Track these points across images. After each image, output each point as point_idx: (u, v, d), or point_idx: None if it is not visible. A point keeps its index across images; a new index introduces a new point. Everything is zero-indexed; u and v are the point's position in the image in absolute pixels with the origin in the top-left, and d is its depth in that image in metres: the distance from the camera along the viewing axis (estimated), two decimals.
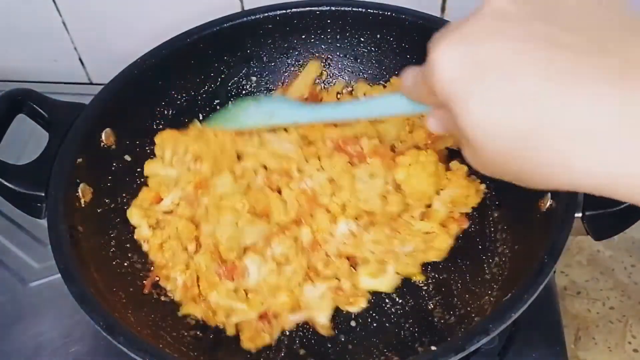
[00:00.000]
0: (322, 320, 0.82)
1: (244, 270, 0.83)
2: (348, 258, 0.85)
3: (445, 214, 0.89)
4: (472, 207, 0.90)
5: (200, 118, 1.03)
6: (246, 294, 0.84)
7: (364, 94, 1.05)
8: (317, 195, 0.87)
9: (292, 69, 1.07)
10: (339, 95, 1.06)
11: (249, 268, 0.84)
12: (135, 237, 0.88)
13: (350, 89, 1.06)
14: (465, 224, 0.90)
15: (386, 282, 0.84)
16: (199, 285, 0.84)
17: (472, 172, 0.91)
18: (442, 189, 0.89)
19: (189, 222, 0.87)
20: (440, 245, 0.86)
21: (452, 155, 0.94)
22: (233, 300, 0.82)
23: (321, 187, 0.87)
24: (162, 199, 0.91)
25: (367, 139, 0.92)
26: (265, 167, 0.91)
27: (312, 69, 1.06)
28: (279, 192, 0.89)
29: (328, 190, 0.87)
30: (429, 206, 0.89)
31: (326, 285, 0.83)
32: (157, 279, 0.86)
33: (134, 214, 0.88)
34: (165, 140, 0.92)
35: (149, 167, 0.93)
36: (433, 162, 0.88)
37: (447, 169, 0.92)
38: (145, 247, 0.88)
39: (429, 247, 0.86)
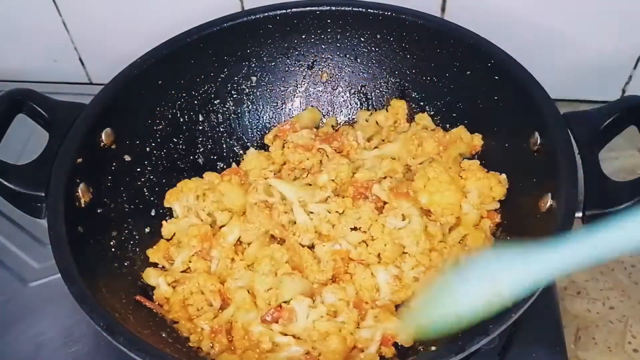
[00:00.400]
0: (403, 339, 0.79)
1: (291, 314, 0.79)
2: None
3: (476, 216, 0.88)
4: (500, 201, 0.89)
5: (200, 119, 1.03)
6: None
7: (366, 120, 1.05)
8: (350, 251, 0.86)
9: (292, 69, 1.07)
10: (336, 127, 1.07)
11: (297, 311, 0.79)
12: (155, 298, 0.85)
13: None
14: (497, 218, 0.89)
15: None
16: (229, 338, 0.81)
17: (486, 165, 0.92)
18: (467, 192, 0.88)
19: (210, 275, 0.85)
20: (475, 244, 0.85)
21: None
22: (278, 335, 0.79)
23: (355, 246, 0.85)
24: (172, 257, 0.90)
25: (378, 183, 0.90)
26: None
27: (311, 112, 1.07)
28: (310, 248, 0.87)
29: (363, 248, 0.85)
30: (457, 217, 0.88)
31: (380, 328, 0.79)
32: (171, 321, 0.83)
33: (150, 275, 0.87)
34: (172, 196, 0.93)
35: (167, 230, 0.92)
36: (443, 170, 0.88)
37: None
38: (166, 308, 0.84)
39: (467, 252, 0.85)
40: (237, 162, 1.05)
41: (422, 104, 1.04)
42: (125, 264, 0.87)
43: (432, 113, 1.03)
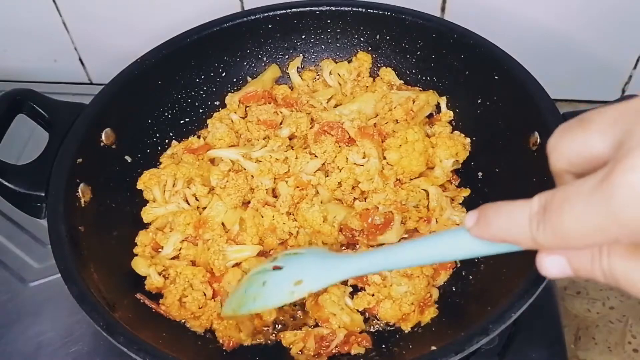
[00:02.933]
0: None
1: None
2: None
3: (443, 180, 0.93)
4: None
5: (201, 119, 1.03)
6: None
7: (330, 73, 1.05)
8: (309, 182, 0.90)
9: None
10: (309, 84, 1.07)
11: None
12: (146, 288, 0.85)
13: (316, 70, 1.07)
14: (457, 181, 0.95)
15: (394, 233, 0.86)
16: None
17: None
18: (439, 160, 0.93)
19: (199, 268, 0.84)
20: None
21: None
22: None
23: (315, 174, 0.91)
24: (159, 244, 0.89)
25: (349, 121, 0.94)
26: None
27: (272, 70, 1.06)
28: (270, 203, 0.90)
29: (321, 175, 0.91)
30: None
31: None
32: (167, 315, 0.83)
33: (139, 264, 0.86)
34: (148, 181, 0.91)
35: (147, 215, 0.91)
36: (421, 139, 0.92)
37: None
38: (163, 309, 0.83)
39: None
40: None
41: None
42: (127, 264, 0.87)
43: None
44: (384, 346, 0.80)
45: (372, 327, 0.83)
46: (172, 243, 0.87)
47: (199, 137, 1.01)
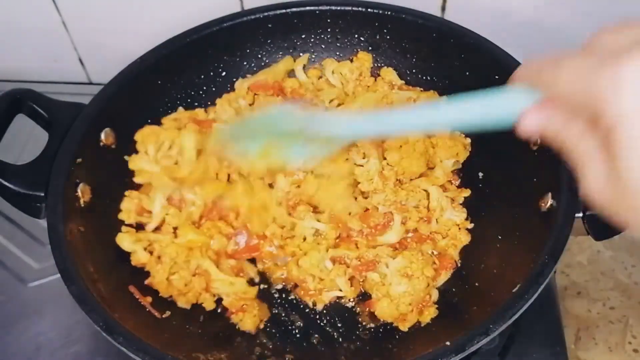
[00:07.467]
0: None
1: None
2: None
3: (443, 181, 0.93)
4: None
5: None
6: None
7: (332, 72, 1.05)
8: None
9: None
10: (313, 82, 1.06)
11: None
12: (132, 263, 0.85)
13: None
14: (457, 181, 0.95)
15: (394, 233, 0.86)
16: None
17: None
18: (440, 160, 0.93)
19: (182, 248, 0.85)
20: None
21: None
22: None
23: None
24: (144, 209, 0.89)
25: None
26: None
27: (285, 62, 1.05)
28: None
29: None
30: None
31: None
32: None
33: (124, 240, 0.85)
34: (146, 137, 0.90)
35: (134, 162, 0.90)
36: (422, 139, 0.92)
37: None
38: (149, 300, 0.83)
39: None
40: None
41: None
42: (127, 264, 0.87)
43: None
44: (383, 346, 0.80)
45: (372, 326, 0.83)
46: (158, 204, 0.87)
47: (205, 111, 1.01)
